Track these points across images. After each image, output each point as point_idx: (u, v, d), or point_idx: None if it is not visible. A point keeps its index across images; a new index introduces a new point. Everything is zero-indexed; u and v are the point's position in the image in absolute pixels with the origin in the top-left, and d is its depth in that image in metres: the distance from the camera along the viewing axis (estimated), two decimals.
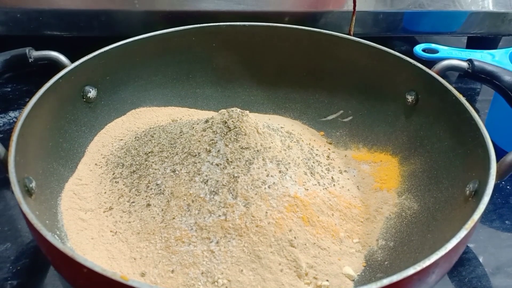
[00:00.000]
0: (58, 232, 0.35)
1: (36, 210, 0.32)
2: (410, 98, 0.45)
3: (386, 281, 0.24)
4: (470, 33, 0.65)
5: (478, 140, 0.36)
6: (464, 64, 0.43)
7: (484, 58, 0.55)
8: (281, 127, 0.46)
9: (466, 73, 0.43)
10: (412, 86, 0.45)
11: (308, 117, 0.52)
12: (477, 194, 0.33)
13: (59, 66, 0.42)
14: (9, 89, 0.59)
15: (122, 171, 0.41)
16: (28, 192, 0.33)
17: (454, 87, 0.41)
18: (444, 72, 0.44)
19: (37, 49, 0.42)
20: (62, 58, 0.42)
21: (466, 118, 0.38)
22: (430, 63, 0.45)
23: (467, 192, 0.35)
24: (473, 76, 0.43)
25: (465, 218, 0.32)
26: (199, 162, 0.38)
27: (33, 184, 0.34)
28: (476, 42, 0.67)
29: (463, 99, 0.39)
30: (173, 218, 0.36)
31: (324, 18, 0.60)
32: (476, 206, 0.30)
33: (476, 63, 0.42)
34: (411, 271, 0.25)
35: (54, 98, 0.40)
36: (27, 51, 0.41)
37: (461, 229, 0.28)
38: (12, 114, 0.55)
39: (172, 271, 0.34)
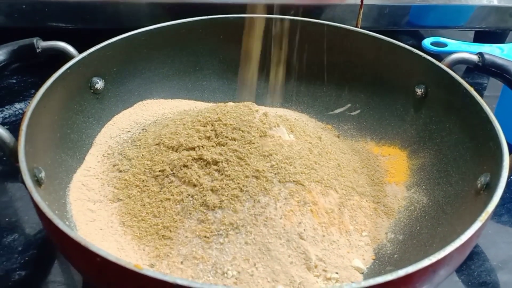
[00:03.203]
0: (67, 223, 0.35)
1: (45, 200, 0.32)
2: (419, 91, 0.45)
3: (402, 272, 0.24)
4: (477, 28, 0.65)
5: (490, 133, 0.36)
6: (475, 58, 0.42)
7: (493, 52, 0.55)
8: (295, 119, 0.46)
9: (476, 66, 0.42)
10: (421, 79, 0.45)
11: (316, 111, 0.52)
12: (489, 187, 0.33)
13: (67, 56, 0.42)
14: (14, 81, 0.59)
15: (130, 162, 0.41)
16: (37, 182, 0.33)
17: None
18: (453, 66, 0.43)
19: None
20: (70, 48, 0.42)
21: (477, 111, 0.38)
22: (436, 57, 0.45)
23: (479, 185, 0.35)
24: (483, 70, 0.42)
25: (476, 211, 0.32)
26: (210, 154, 0.38)
27: (42, 175, 0.34)
28: (483, 37, 0.67)
29: (474, 92, 0.39)
30: (182, 209, 0.36)
31: (330, 11, 0.60)
32: (489, 199, 0.30)
33: (486, 56, 0.42)
34: (426, 262, 0.25)
35: (62, 89, 0.40)
36: (34, 41, 0.41)
37: (476, 221, 0.28)
38: (17, 105, 0.55)
39: (182, 263, 0.34)
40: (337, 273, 0.35)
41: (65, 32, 0.56)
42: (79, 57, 0.41)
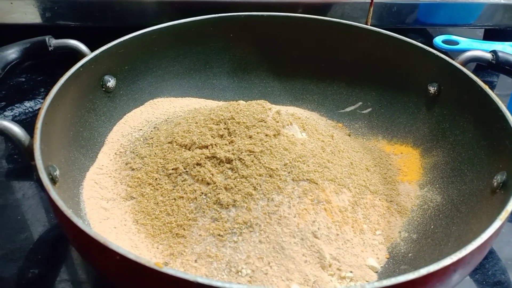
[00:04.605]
0: (81, 221, 0.35)
1: (60, 198, 0.32)
2: (432, 89, 0.45)
3: (423, 271, 0.24)
4: (486, 25, 0.64)
5: (506, 131, 0.35)
6: (488, 56, 0.42)
7: (505, 50, 0.55)
8: (306, 117, 0.46)
9: (490, 64, 0.42)
10: (434, 77, 0.45)
11: (326, 109, 0.52)
12: (506, 186, 0.33)
13: (79, 55, 0.42)
14: (23, 79, 0.59)
15: (143, 160, 0.41)
16: (52, 180, 0.33)
17: None
18: (467, 64, 0.43)
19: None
20: (82, 46, 0.42)
21: (492, 109, 0.38)
22: (446, 54, 0.45)
23: (495, 184, 0.35)
24: (497, 68, 0.42)
25: (492, 210, 0.32)
26: (223, 153, 0.38)
27: (57, 173, 0.34)
28: (493, 34, 0.67)
29: (489, 90, 0.39)
30: (196, 208, 0.36)
31: (339, 9, 0.60)
32: (507, 198, 0.30)
33: (500, 54, 0.42)
34: (447, 261, 0.25)
35: (74, 87, 0.40)
36: (46, 39, 0.41)
37: (496, 219, 0.28)
38: (27, 104, 0.55)
39: (196, 261, 0.34)
40: (351, 272, 0.35)
41: (74, 30, 0.56)
42: (92, 55, 0.41)
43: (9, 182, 0.45)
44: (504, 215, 0.28)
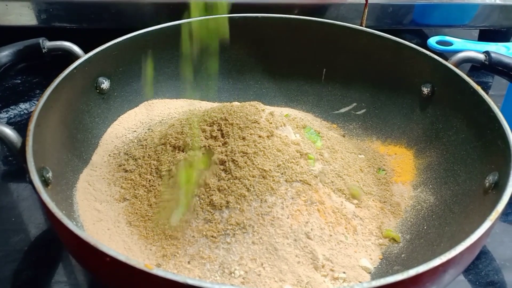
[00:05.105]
0: (74, 223, 0.35)
1: (53, 200, 0.32)
2: (425, 90, 0.45)
3: (412, 271, 0.24)
4: (481, 26, 0.64)
5: (498, 132, 0.35)
6: (481, 56, 0.42)
7: (498, 50, 0.55)
8: (300, 118, 0.46)
9: (482, 65, 0.42)
10: (428, 78, 0.45)
11: (321, 110, 0.52)
12: (498, 186, 0.33)
13: (73, 56, 0.42)
14: (19, 81, 0.59)
15: (137, 162, 0.41)
16: (45, 182, 0.33)
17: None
18: (460, 64, 0.43)
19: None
20: (76, 48, 0.42)
21: (484, 110, 0.38)
22: (441, 55, 0.45)
23: (487, 184, 0.35)
24: (490, 69, 0.42)
25: (484, 210, 0.32)
26: (216, 154, 0.38)
27: (50, 175, 0.34)
28: (488, 35, 0.67)
29: (481, 91, 0.39)
30: (189, 210, 0.36)
31: (334, 10, 0.60)
32: (498, 198, 0.30)
33: (493, 55, 0.42)
34: (437, 262, 0.25)
35: (68, 89, 0.40)
36: (40, 41, 0.41)
37: (486, 220, 0.28)
38: (22, 106, 0.55)
39: (189, 262, 0.34)
40: (344, 272, 0.35)
41: (70, 32, 0.56)
42: (85, 57, 0.41)
43: (4, 184, 0.45)
44: (494, 215, 0.28)
